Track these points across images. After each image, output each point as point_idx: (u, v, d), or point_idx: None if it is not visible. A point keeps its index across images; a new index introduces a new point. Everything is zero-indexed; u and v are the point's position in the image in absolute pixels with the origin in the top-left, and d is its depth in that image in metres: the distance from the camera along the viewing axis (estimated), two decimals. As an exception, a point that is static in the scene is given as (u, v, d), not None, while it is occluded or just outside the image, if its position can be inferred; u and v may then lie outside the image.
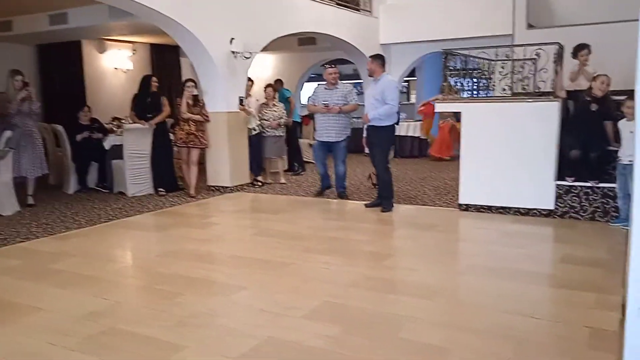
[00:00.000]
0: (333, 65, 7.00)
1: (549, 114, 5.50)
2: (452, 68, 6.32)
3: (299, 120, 10.06)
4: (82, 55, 10.54)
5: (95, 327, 3.07)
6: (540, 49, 5.59)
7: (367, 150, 6.49)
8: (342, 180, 6.92)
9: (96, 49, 10.86)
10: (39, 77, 10.58)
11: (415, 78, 13.80)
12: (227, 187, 7.51)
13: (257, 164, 8.06)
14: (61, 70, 10.48)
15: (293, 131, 9.31)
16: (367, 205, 6.29)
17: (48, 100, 10.60)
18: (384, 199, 6.11)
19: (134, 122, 7.31)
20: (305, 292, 3.57)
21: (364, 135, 6.24)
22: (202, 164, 7.73)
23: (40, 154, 6.74)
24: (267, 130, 8.01)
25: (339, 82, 6.83)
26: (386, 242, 5.09)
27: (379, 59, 6.08)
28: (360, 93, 13.55)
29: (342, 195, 6.89)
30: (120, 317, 3.25)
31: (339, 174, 6.89)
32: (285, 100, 9.07)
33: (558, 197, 5.54)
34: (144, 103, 7.30)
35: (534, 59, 5.70)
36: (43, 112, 10.41)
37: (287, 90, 9.77)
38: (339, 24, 9.78)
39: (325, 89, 6.82)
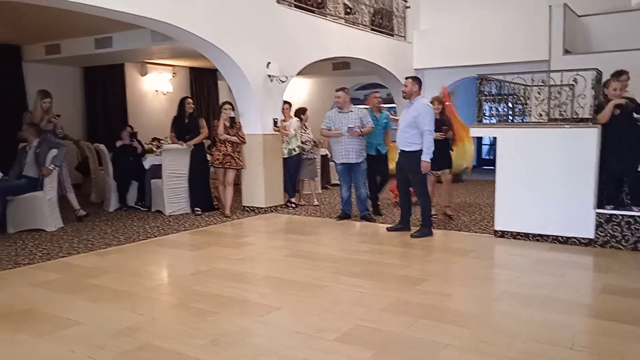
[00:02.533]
0: (341, 89, 6.98)
1: (587, 140, 5.40)
2: (486, 93, 6.30)
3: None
4: (124, 77, 10.96)
5: (131, 343, 3.14)
6: (578, 74, 5.53)
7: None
8: (364, 202, 6.93)
9: (138, 71, 11.27)
10: (84, 97, 11.02)
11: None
12: (261, 208, 7.61)
13: (292, 185, 8.14)
14: (105, 91, 10.91)
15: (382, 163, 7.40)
16: (388, 229, 6.26)
17: (91, 120, 11.02)
18: (423, 227, 6.02)
19: (173, 143, 7.51)
20: (337, 315, 3.57)
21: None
22: (237, 184, 7.87)
23: (65, 172, 6.97)
24: (303, 153, 8.13)
25: (352, 105, 6.92)
26: (420, 266, 5.05)
27: (418, 81, 6.02)
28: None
29: (367, 217, 6.91)
30: (155, 333, 3.31)
31: (361, 197, 6.93)
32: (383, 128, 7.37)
33: (598, 225, 5.40)
34: (182, 125, 7.51)
35: (572, 85, 5.63)
36: (86, 132, 10.85)
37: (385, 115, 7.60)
38: (373, 49, 9.89)
39: (339, 112, 6.88)
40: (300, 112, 8.41)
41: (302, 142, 8.09)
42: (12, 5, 5.53)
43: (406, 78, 6.14)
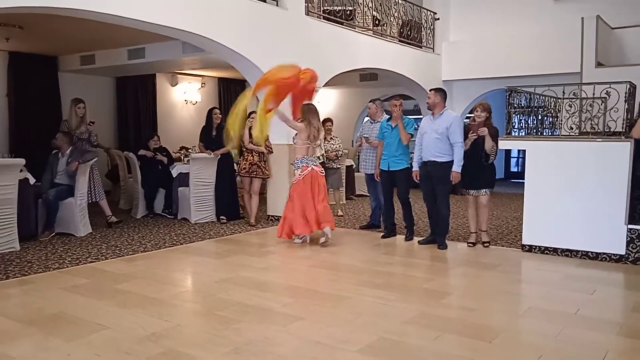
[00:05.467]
0: (372, 100, 7.16)
1: (619, 154, 5.28)
2: (516, 105, 6.22)
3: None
4: (155, 87, 11.19)
5: (156, 348, 3.18)
6: (610, 87, 5.43)
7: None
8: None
9: (169, 81, 11.49)
10: (116, 106, 11.28)
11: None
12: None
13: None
14: (136, 101, 11.14)
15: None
16: (420, 242, 6.22)
17: (122, 129, 11.27)
18: (438, 236, 6.03)
19: (201, 152, 7.62)
20: (360, 327, 3.56)
21: (415, 168, 6.13)
22: (262, 193, 7.92)
23: (98, 179, 7.13)
24: (327, 162, 8.15)
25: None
26: (445, 279, 4.99)
27: (442, 92, 5.99)
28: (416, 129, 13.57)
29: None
30: (180, 340, 3.35)
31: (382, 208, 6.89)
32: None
33: (630, 241, 5.26)
34: (210, 135, 7.62)
35: (604, 98, 5.53)
36: (117, 140, 11.09)
37: None
38: (400, 60, 9.88)
39: (371, 122, 7.08)
40: (324, 122, 8.47)
41: (326, 152, 8.13)
42: (50, 17, 5.72)
43: (430, 90, 6.13)
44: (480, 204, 6.09)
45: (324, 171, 6.36)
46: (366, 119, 7.37)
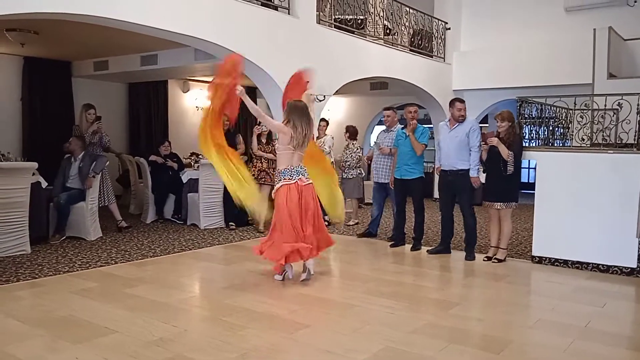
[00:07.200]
0: (389, 108, 7.10)
1: (631, 166, 5.24)
2: (527, 116, 6.21)
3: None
4: (167, 93, 11.28)
5: (163, 353, 3.19)
6: (622, 99, 5.40)
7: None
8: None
9: (180, 88, 11.59)
10: (128, 112, 11.38)
11: (487, 125, 13.60)
12: (294, 225, 7.62)
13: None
14: (148, 107, 11.24)
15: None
16: (429, 252, 6.19)
17: (134, 134, 11.37)
18: (467, 246, 5.98)
19: (211, 158, 7.66)
20: (367, 335, 3.54)
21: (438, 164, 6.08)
22: (272, 200, 7.91)
23: (108, 183, 7.19)
24: (345, 172, 8.19)
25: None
26: (453, 290, 4.96)
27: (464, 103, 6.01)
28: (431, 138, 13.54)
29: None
30: (187, 345, 3.35)
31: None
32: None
33: (641, 254, 5.21)
34: (220, 141, 7.65)
35: (616, 109, 5.51)
36: (129, 145, 11.18)
37: None
38: (411, 69, 9.89)
39: (384, 131, 7.06)
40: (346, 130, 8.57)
41: (346, 161, 8.17)
42: (64, 23, 5.80)
43: (461, 101, 5.91)
44: (500, 217, 5.77)
45: (312, 185, 5.07)
46: (379, 127, 7.35)
